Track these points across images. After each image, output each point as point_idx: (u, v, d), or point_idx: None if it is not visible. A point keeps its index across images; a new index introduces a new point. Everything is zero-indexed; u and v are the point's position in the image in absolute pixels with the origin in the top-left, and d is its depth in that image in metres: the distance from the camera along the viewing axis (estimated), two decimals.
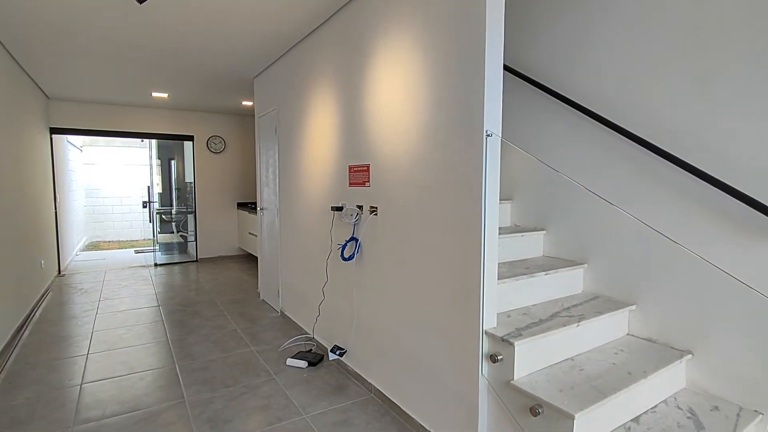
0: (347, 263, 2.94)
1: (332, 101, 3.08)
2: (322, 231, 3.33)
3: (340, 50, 2.94)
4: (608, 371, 1.81)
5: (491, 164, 1.83)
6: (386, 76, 2.44)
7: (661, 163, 2.02)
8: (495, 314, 1.92)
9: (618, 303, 2.20)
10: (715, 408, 1.80)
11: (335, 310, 3.16)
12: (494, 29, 1.79)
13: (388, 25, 2.41)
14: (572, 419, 1.51)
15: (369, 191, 2.67)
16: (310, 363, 3.08)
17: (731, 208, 1.80)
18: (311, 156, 3.47)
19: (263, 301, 4.86)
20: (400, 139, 2.34)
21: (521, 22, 2.79)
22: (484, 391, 1.89)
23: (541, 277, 2.22)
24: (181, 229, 8.32)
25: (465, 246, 1.93)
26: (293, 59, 3.74)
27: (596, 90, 2.34)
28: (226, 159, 7.41)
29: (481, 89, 1.80)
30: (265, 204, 4.75)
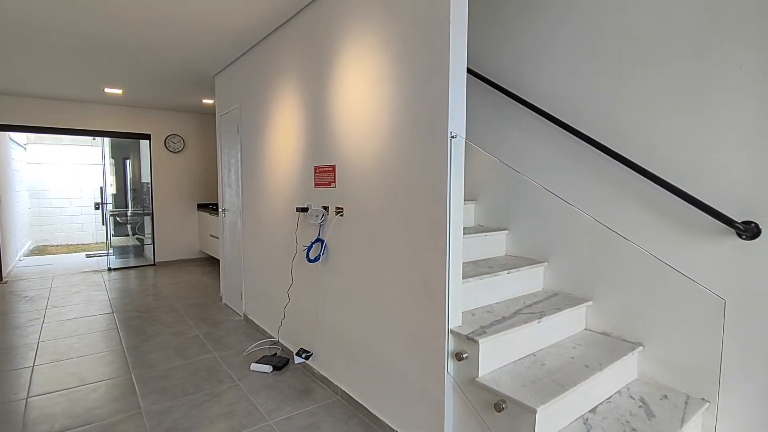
0: (313, 265, 2.90)
1: (297, 100, 3.04)
2: (286, 232, 3.27)
3: (306, 49, 2.90)
4: (567, 365, 1.88)
5: (456, 165, 1.86)
6: (352, 76, 2.43)
7: (616, 165, 2.13)
8: (460, 313, 1.95)
9: (576, 299, 2.30)
10: (665, 397, 1.91)
11: (301, 313, 3.12)
12: (458, 32, 1.82)
13: (354, 25, 2.40)
14: (534, 413, 1.56)
15: (335, 192, 2.65)
16: (275, 367, 3.03)
17: (678, 207, 1.92)
18: (275, 156, 3.40)
19: (226, 305, 4.73)
20: (366, 140, 2.34)
21: (488, 29, 2.86)
22: (450, 390, 1.92)
23: (503, 275, 2.28)
24: (138, 232, 7.96)
25: (431, 246, 1.95)
26: (257, 56, 3.66)
27: (556, 94, 2.43)
28: (186, 159, 7.15)
29: (446, 91, 1.83)
30: (227, 205, 4.62)
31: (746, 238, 1.72)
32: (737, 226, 1.71)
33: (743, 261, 1.74)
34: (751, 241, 1.71)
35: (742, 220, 1.73)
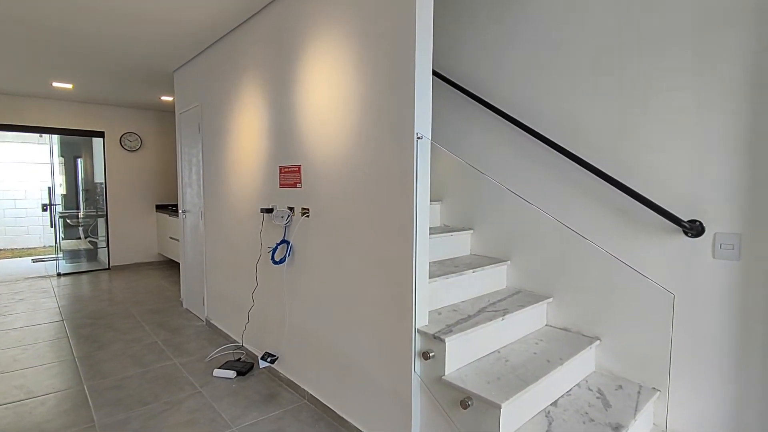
0: (278, 267, 2.85)
1: (262, 99, 2.98)
2: (251, 234, 3.20)
3: (270, 47, 2.85)
4: (530, 360, 1.94)
5: (422, 166, 1.88)
6: (318, 76, 2.41)
7: (573, 166, 2.21)
8: (426, 312, 1.97)
9: (537, 296, 2.37)
10: (620, 387, 2.00)
11: (266, 316, 3.06)
12: (423, 34, 1.84)
13: (319, 24, 2.38)
14: (499, 409, 1.59)
15: (301, 192, 2.61)
16: (240, 372, 2.95)
17: (631, 206, 2.01)
18: (239, 156, 3.32)
19: (187, 309, 4.56)
20: (333, 140, 2.32)
21: (449, 29, 2.91)
22: (417, 389, 1.93)
23: (469, 274, 2.32)
24: (90, 235, 7.55)
25: (397, 246, 1.96)
26: (219, 53, 3.55)
27: (515, 96, 2.50)
28: (143, 158, 6.85)
29: (411, 92, 1.84)
30: (188, 206, 4.47)
31: (692, 236, 1.83)
32: (684, 224, 1.82)
33: (689, 257, 1.85)
34: (697, 238, 1.83)
35: (688, 218, 1.84)
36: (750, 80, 1.68)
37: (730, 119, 1.73)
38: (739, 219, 1.72)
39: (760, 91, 1.66)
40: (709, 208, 1.80)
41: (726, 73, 1.74)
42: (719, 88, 1.76)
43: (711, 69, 1.77)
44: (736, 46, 1.71)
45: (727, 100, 1.74)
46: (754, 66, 1.67)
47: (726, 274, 1.76)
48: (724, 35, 1.73)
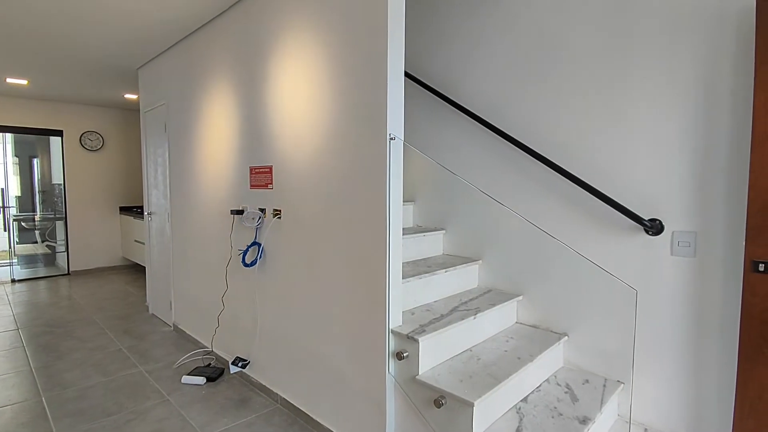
0: (249, 269, 2.80)
1: (232, 98, 2.91)
2: (220, 236, 3.13)
3: (240, 45, 2.79)
4: (501, 358, 1.97)
5: (395, 167, 1.88)
6: (290, 76, 2.38)
7: (542, 167, 2.27)
8: (400, 313, 1.98)
9: (508, 295, 2.42)
10: (586, 381, 2.07)
11: (236, 320, 2.99)
12: (395, 35, 1.85)
13: (291, 22, 2.35)
14: (472, 407, 1.61)
15: (272, 193, 2.58)
16: (209, 378, 2.87)
17: (595, 206, 2.09)
18: (208, 156, 3.24)
19: (153, 315, 4.41)
20: (305, 141, 2.30)
21: (421, 32, 2.93)
22: (392, 389, 1.94)
23: (441, 274, 2.35)
24: (48, 238, 7.18)
25: (371, 247, 1.96)
26: (187, 50, 3.46)
27: (485, 97, 2.55)
28: (105, 158, 6.58)
29: (384, 93, 1.85)
30: (154, 208, 4.32)
31: (652, 234, 1.92)
32: (645, 223, 1.90)
33: (650, 254, 1.94)
34: (657, 236, 1.91)
35: (648, 217, 1.92)
36: (703, 87, 1.77)
37: (686, 124, 1.82)
38: (695, 218, 1.82)
39: (712, 98, 1.75)
40: (667, 208, 1.88)
41: (682, 79, 1.83)
42: (676, 93, 1.84)
43: (669, 75, 1.86)
44: (691, 54, 1.80)
45: (683, 106, 1.83)
46: (706, 73, 1.76)
47: (683, 270, 1.85)
48: (680, 43, 1.82)
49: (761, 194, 1.57)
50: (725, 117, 1.73)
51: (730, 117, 1.72)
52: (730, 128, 1.72)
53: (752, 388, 1.62)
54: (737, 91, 1.70)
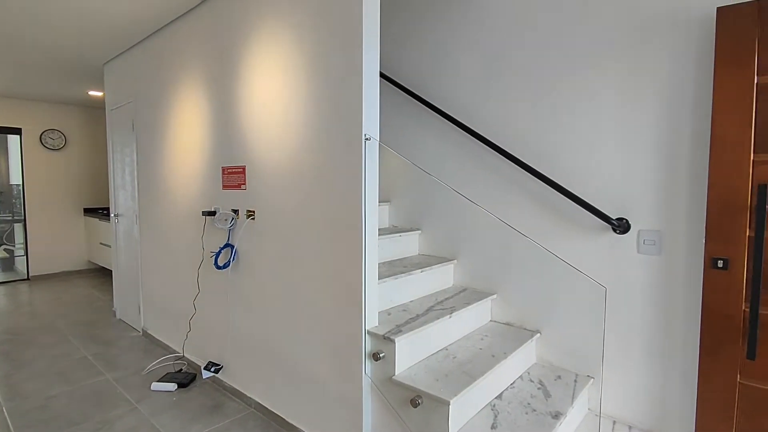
0: (222, 272, 2.74)
1: (203, 97, 2.84)
2: (192, 238, 3.05)
3: (212, 41, 2.73)
4: (476, 356, 2.00)
5: (370, 167, 1.88)
6: (263, 74, 2.34)
7: (514, 168, 2.31)
8: (376, 313, 1.98)
9: (482, 293, 2.45)
10: (558, 377, 2.12)
11: (209, 324, 2.92)
12: (370, 34, 1.85)
13: (265, 20, 2.32)
14: (447, 405, 1.63)
15: (245, 194, 2.53)
16: (181, 384, 2.79)
17: (566, 206, 2.14)
18: (178, 156, 3.15)
19: (120, 320, 4.26)
20: (279, 141, 2.27)
21: (397, 33, 2.94)
22: (368, 390, 1.93)
23: (417, 274, 2.36)
24: (5, 242, 6.82)
25: (346, 248, 1.95)
26: (156, 46, 3.35)
27: (459, 98, 2.58)
28: (68, 157, 6.30)
29: (359, 93, 1.84)
30: (121, 209, 4.17)
31: (620, 233, 1.98)
32: (613, 222, 1.96)
33: (618, 253, 2.00)
34: (624, 235, 1.98)
35: (616, 216, 1.99)
36: (667, 90, 1.85)
37: (651, 126, 1.89)
38: (659, 217, 1.89)
39: (675, 101, 1.83)
40: (634, 207, 1.95)
41: (647, 82, 1.90)
42: (641, 96, 1.91)
43: (635, 78, 1.93)
44: (656, 58, 1.87)
45: (648, 108, 1.90)
46: (670, 77, 1.84)
47: (648, 267, 1.92)
48: (645, 48, 1.89)
49: (720, 194, 1.65)
50: (687, 119, 1.81)
51: (692, 120, 1.79)
52: (692, 130, 1.80)
53: (713, 380, 1.70)
54: (698, 95, 1.77)
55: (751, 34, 1.57)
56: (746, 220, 1.60)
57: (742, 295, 1.62)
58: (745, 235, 1.60)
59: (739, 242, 1.62)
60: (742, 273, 1.61)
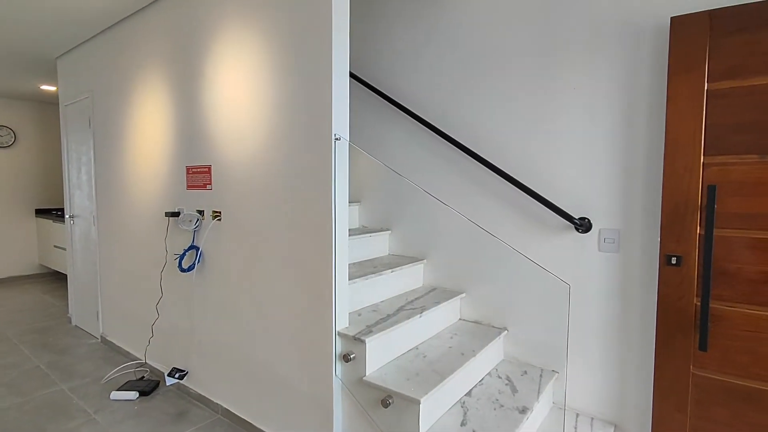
0: (186, 275, 2.65)
1: (166, 93, 2.74)
2: (154, 240, 2.93)
3: (177, 36, 2.64)
4: (446, 354, 2.02)
5: (340, 167, 1.87)
6: (230, 72, 2.28)
7: (483, 169, 2.35)
8: (347, 314, 1.97)
9: (451, 292, 2.48)
10: (525, 373, 2.17)
11: (173, 329, 2.82)
12: (340, 33, 1.83)
13: (231, 16, 2.26)
14: (418, 404, 1.64)
15: (211, 194, 2.46)
16: (143, 392, 2.68)
17: (532, 206, 2.20)
18: (139, 154, 3.02)
19: (77, 326, 4.05)
20: (247, 141, 2.22)
21: (368, 34, 2.93)
22: (338, 392, 1.92)
23: (387, 274, 2.36)
24: None
25: (316, 249, 1.93)
26: (115, 39, 3.21)
27: (429, 100, 2.60)
28: (18, 155, 5.93)
29: (329, 93, 1.83)
30: (77, 210, 3.96)
31: (582, 232, 2.05)
32: (575, 221, 2.03)
33: (580, 251, 2.07)
34: (586, 234, 2.05)
35: (579, 216, 2.06)
36: (625, 96, 1.93)
37: (610, 129, 1.97)
38: (618, 216, 1.97)
39: (632, 107, 1.91)
40: (595, 207, 2.03)
41: (606, 89, 1.97)
42: (601, 102, 1.99)
43: (595, 87, 2.00)
44: (614, 66, 1.95)
45: (608, 113, 1.98)
46: (627, 84, 1.92)
47: (608, 264, 2.00)
48: (604, 55, 1.97)
49: (673, 195, 1.74)
50: (643, 124, 1.89)
51: (648, 124, 1.88)
52: (648, 134, 1.88)
53: (668, 371, 1.79)
54: (653, 101, 1.86)
55: (702, 43, 1.66)
56: (697, 219, 1.69)
57: (694, 289, 1.71)
58: (696, 233, 1.70)
59: (690, 240, 1.71)
60: (694, 269, 1.71)
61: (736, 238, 1.63)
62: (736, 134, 1.62)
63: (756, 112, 1.58)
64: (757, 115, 1.58)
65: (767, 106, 1.56)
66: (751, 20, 1.57)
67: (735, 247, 1.64)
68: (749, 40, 1.58)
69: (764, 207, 1.58)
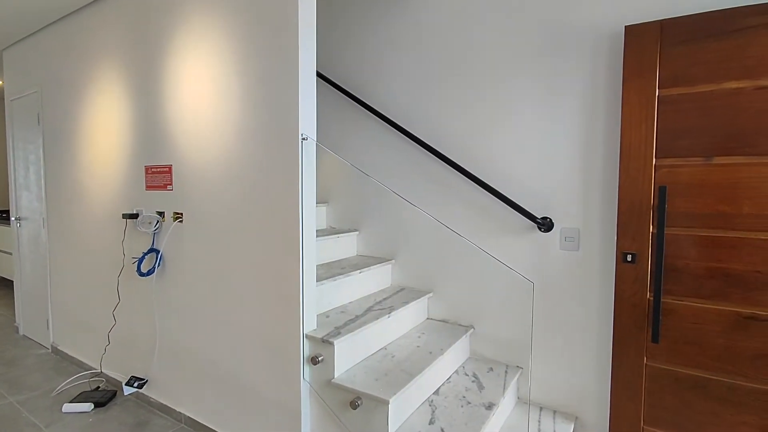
0: (146, 279, 2.54)
1: (124, 89, 2.62)
2: (111, 243, 2.80)
3: (135, 30, 2.53)
4: (414, 354, 2.04)
5: (307, 168, 1.85)
6: (192, 69, 2.21)
7: (450, 170, 2.39)
8: (315, 316, 1.95)
9: (419, 292, 2.51)
10: (491, 369, 2.22)
11: (131, 336, 2.70)
12: (307, 32, 1.82)
13: (193, 11, 2.19)
14: (387, 404, 1.64)
15: (172, 195, 2.37)
16: (98, 404, 2.56)
17: (496, 206, 2.25)
18: (94, 153, 2.88)
19: (25, 336, 3.80)
20: (210, 140, 2.15)
21: (333, 32, 2.92)
22: (306, 396, 1.89)
23: (355, 275, 2.35)
24: None
25: (283, 250, 1.90)
26: (67, 31, 3.04)
27: (396, 101, 2.62)
28: None
29: (296, 93, 1.81)
30: (25, 212, 3.73)
31: (544, 231, 2.12)
32: (538, 221, 2.10)
33: (543, 249, 2.14)
34: (548, 232, 2.12)
35: (541, 216, 2.13)
36: (582, 100, 2.01)
37: (570, 133, 2.05)
38: (578, 216, 2.05)
39: (590, 110, 2.00)
40: (557, 207, 2.10)
41: (566, 95, 2.05)
42: (561, 105, 2.06)
43: (555, 91, 2.08)
44: (572, 73, 2.03)
45: (567, 118, 2.05)
46: (585, 88, 2.00)
47: (569, 262, 2.08)
48: (563, 59, 2.04)
49: (628, 195, 1.83)
50: (601, 127, 1.98)
51: (605, 127, 1.97)
52: (605, 137, 1.97)
53: (624, 363, 1.88)
54: (610, 105, 1.95)
55: (653, 51, 1.75)
56: (650, 219, 1.79)
57: (647, 285, 1.81)
58: (649, 231, 1.79)
59: (644, 238, 1.80)
60: (647, 266, 1.80)
61: (684, 236, 1.74)
62: (683, 138, 1.72)
63: (701, 117, 1.68)
64: (701, 121, 1.68)
65: (711, 112, 1.67)
66: (697, 31, 1.67)
67: (683, 245, 1.74)
68: (695, 50, 1.68)
69: (708, 207, 1.69)
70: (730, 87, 1.63)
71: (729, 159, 1.65)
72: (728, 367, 1.68)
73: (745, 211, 1.63)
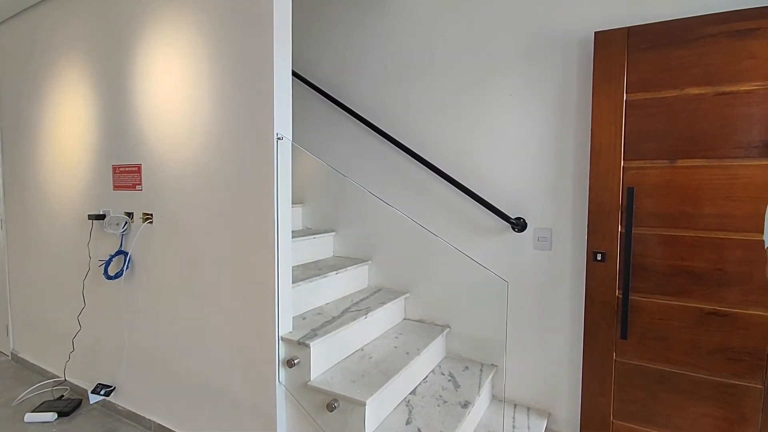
0: (114, 282, 2.45)
1: (89, 86, 2.52)
2: (75, 245, 2.68)
3: (101, 24, 2.43)
4: (391, 354, 2.04)
5: (283, 168, 1.82)
6: (163, 66, 2.15)
7: (426, 171, 2.40)
8: (291, 319, 1.92)
9: (396, 293, 2.51)
10: (466, 368, 2.25)
11: (98, 342, 2.60)
12: (282, 30, 1.79)
13: (166, 11, 2.13)
14: (363, 406, 1.64)
15: (142, 195, 2.30)
16: (62, 413, 2.45)
17: (472, 207, 2.28)
18: (57, 152, 2.76)
19: None
20: (182, 139, 2.10)
21: (311, 33, 2.89)
22: (282, 399, 1.87)
23: (332, 276, 2.34)
24: None
25: (258, 252, 1.86)
26: (29, 23, 2.90)
27: (374, 103, 2.62)
28: None
29: (271, 92, 1.78)
30: None
31: (518, 231, 2.16)
32: (512, 221, 2.13)
33: (517, 249, 2.18)
34: (522, 233, 2.16)
35: (515, 216, 2.17)
36: (554, 103, 2.06)
37: (544, 133, 2.10)
38: (551, 216, 2.10)
39: (561, 113, 2.05)
40: (530, 208, 2.14)
41: (538, 99, 2.10)
42: (534, 111, 2.11)
43: (528, 95, 2.12)
44: (545, 77, 2.07)
45: (539, 121, 2.10)
46: (557, 92, 2.05)
47: (542, 261, 2.13)
48: (536, 63, 2.09)
49: (598, 196, 1.88)
50: (572, 130, 2.03)
51: (576, 129, 2.02)
52: (576, 140, 2.02)
53: (594, 359, 1.93)
54: (581, 108, 2.00)
55: (621, 57, 1.81)
56: (618, 219, 1.85)
57: (616, 283, 1.87)
58: (618, 231, 1.85)
59: (613, 238, 1.86)
60: (616, 264, 1.86)
61: (651, 235, 1.80)
62: (650, 141, 1.78)
63: (665, 121, 1.75)
64: (666, 125, 1.75)
65: (675, 116, 1.74)
66: (662, 38, 1.74)
67: (650, 244, 1.81)
68: (660, 57, 1.75)
69: (672, 207, 1.76)
70: (692, 93, 1.71)
71: (691, 161, 1.72)
72: (692, 361, 1.76)
73: (706, 211, 1.70)
